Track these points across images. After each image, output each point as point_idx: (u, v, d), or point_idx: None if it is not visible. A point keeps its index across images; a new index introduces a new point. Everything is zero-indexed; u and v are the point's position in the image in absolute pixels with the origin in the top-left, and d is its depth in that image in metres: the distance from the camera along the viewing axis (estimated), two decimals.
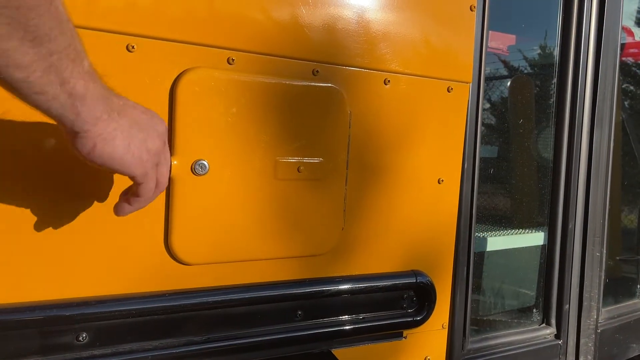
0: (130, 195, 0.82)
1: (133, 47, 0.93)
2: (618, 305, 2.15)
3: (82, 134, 0.66)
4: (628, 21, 2.42)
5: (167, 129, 0.85)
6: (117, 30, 0.92)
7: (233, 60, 1.02)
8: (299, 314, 1.16)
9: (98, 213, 0.94)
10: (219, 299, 1.05)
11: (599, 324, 1.94)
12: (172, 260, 1.01)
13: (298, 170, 1.09)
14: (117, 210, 0.84)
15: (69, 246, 0.92)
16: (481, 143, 1.51)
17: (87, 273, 0.94)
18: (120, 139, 0.70)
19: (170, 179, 0.97)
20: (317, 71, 1.13)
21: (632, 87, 2.72)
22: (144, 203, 0.83)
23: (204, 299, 1.03)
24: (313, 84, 1.12)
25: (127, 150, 0.72)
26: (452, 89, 1.32)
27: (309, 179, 1.11)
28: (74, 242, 0.92)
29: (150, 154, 0.77)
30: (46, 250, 0.90)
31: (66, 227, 0.91)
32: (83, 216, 0.93)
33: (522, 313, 1.96)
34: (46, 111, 0.61)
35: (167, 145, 0.84)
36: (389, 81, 1.22)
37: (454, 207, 1.38)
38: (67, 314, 0.91)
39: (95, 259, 0.94)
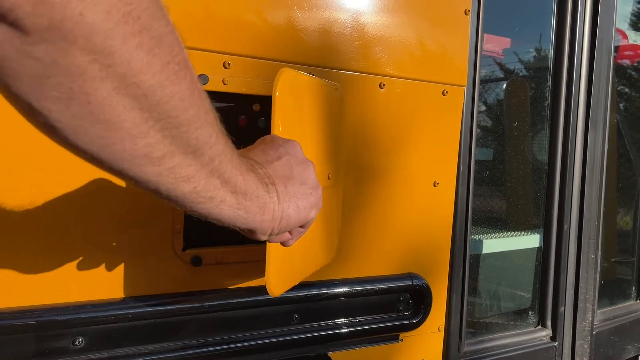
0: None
1: None
2: (613, 307, 2.16)
3: (258, 227, 0.64)
4: (622, 24, 2.43)
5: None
6: None
7: (229, 64, 1.03)
8: (295, 318, 1.16)
9: (107, 216, 0.94)
10: (216, 303, 1.05)
11: (594, 326, 1.95)
12: (181, 263, 1.02)
13: (328, 177, 1.07)
14: (286, 244, 0.77)
15: (69, 252, 0.92)
16: (476, 146, 1.52)
17: (96, 278, 0.94)
18: (288, 207, 0.67)
19: None
20: (313, 75, 1.13)
21: (627, 89, 2.73)
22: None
23: (200, 303, 1.03)
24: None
25: (299, 210, 0.69)
26: (447, 92, 1.33)
27: (335, 186, 1.08)
28: (76, 247, 0.92)
29: (314, 190, 0.72)
30: (48, 255, 0.91)
31: (73, 232, 0.92)
32: (92, 220, 0.93)
33: (518, 315, 1.97)
34: (218, 216, 0.59)
35: (312, 165, 0.75)
36: (384, 85, 1.23)
37: (449, 210, 1.39)
38: (63, 318, 0.91)
39: (103, 263, 0.95)
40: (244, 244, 1.11)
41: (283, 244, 0.77)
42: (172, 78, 0.45)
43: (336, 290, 1.20)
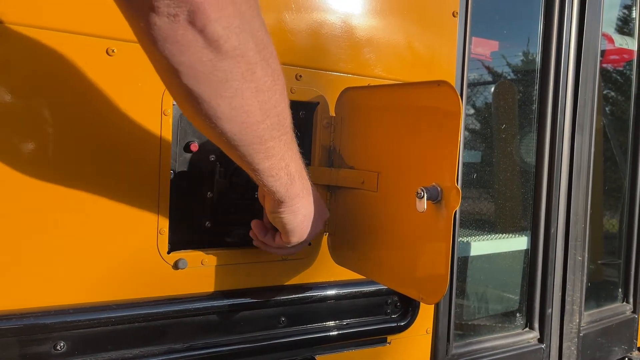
0: (279, 240, 0.98)
1: (113, 51, 0.92)
2: (600, 309, 2.17)
3: (283, 204, 0.86)
4: (608, 28, 2.45)
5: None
6: (96, 34, 0.91)
7: None
8: (283, 321, 1.15)
9: (91, 218, 0.92)
10: (201, 306, 1.04)
11: (581, 328, 1.95)
12: (165, 265, 1.00)
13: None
14: (263, 247, 1.04)
15: (51, 254, 0.90)
16: (465, 148, 1.52)
17: (78, 282, 0.92)
18: (300, 214, 0.90)
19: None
20: (301, 76, 1.13)
21: (612, 93, 2.75)
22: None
23: (185, 306, 1.02)
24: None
25: (301, 224, 0.92)
26: None
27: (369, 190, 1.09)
28: (58, 250, 0.91)
29: (310, 234, 0.95)
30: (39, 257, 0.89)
31: (54, 235, 0.90)
32: (74, 222, 0.91)
33: (506, 317, 1.97)
34: (270, 187, 0.81)
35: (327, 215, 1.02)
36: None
37: None
38: (44, 322, 0.89)
39: (86, 265, 0.93)
40: (229, 247, 1.10)
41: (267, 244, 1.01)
42: (279, 83, 0.70)
43: (323, 292, 1.20)
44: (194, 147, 1.05)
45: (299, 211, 0.90)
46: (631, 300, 2.31)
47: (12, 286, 0.88)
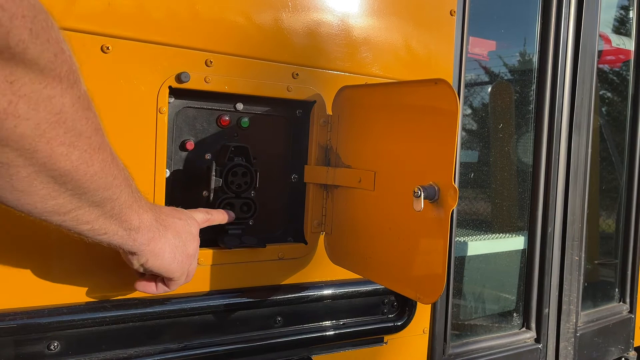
0: (160, 281, 0.90)
1: (108, 48, 0.91)
2: (597, 309, 2.17)
3: (138, 252, 0.78)
4: (605, 28, 2.45)
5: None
6: (91, 31, 0.90)
7: (211, 62, 1.01)
8: (279, 320, 1.14)
9: None
10: (196, 306, 1.03)
11: (578, 328, 1.95)
12: None
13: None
14: (143, 289, 0.91)
15: (43, 253, 0.90)
16: (462, 148, 1.51)
17: (72, 281, 0.92)
18: (167, 252, 0.82)
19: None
20: (297, 74, 1.12)
21: (609, 94, 2.76)
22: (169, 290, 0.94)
23: (180, 306, 1.01)
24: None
25: (173, 259, 0.83)
26: None
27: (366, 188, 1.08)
28: (50, 249, 0.90)
29: (189, 258, 0.87)
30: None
31: (53, 231, 0.89)
32: None
33: (503, 317, 1.97)
34: (108, 244, 0.72)
35: (198, 243, 0.91)
36: None
37: None
38: (38, 321, 0.88)
39: (79, 264, 0.92)
40: (225, 247, 1.09)
41: (148, 290, 0.91)
42: (87, 162, 0.59)
43: (320, 292, 1.19)
44: (190, 145, 1.04)
45: (163, 251, 0.81)
46: (628, 300, 2.32)
47: (7, 285, 0.87)
